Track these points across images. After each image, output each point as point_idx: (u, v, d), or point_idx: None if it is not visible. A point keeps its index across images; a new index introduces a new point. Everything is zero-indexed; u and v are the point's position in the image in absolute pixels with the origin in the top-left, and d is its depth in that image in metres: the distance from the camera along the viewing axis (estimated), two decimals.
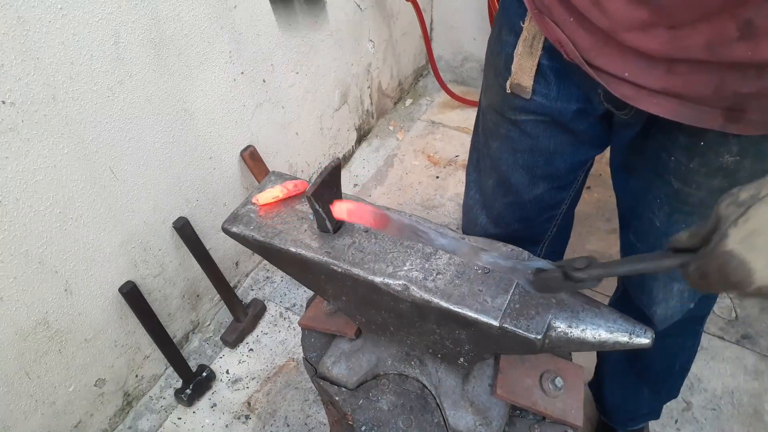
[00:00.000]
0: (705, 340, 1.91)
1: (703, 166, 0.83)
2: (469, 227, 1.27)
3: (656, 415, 1.56)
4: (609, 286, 1.39)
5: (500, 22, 0.98)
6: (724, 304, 2.01)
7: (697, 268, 0.58)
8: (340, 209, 0.77)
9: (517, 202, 1.14)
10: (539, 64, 0.91)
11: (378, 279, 0.79)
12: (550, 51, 0.89)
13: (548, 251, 1.28)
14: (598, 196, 2.42)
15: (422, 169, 2.57)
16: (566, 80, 0.92)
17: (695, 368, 1.84)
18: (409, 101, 2.92)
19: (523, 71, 0.93)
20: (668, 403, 1.77)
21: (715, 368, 1.84)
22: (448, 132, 2.75)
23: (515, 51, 0.93)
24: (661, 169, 0.91)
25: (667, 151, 0.88)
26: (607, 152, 1.11)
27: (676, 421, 1.73)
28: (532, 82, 0.93)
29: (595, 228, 2.29)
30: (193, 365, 1.84)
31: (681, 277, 0.97)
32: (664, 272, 0.66)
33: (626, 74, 0.77)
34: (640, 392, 1.45)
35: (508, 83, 0.96)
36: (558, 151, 1.03)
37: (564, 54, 0.84)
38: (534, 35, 0.89)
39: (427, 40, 2.70)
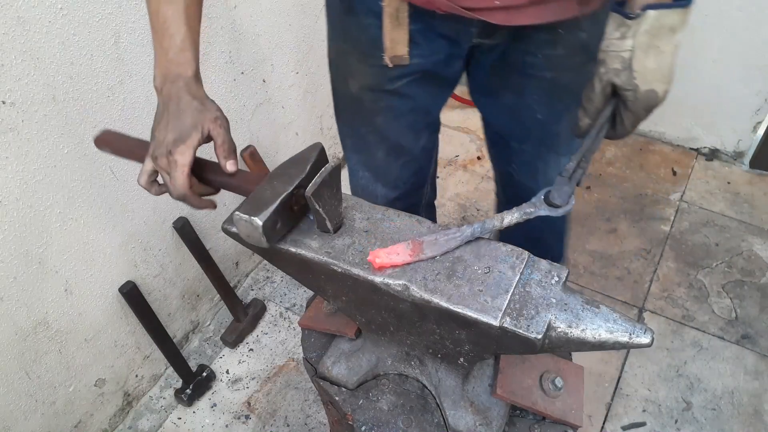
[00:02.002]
0: (705, 340, 1.91)
1: (567, 48, 1.03)
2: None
3: None
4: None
5: (350, 10, 1.04)
6: (724, 304, 2.01)
7: (631, 118, 0.87)
8: (377, 258, 0.79)
9: (410, 159, 1.28)
10: (409, 31, 1.00)
11: (378, 279, 0.79)
12: (414, 16, 0.99)
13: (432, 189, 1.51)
14: (598, 196, 2.42)
15: None
16: (433, 34, 1.03)
17: (695, 368, 1.84)
18: None
19: (397, 42, 1.02)
20: (668, 404, 1.77)
21: (715, 368, 1.84)
22: (447, 132, 2.75)
23: (383, 28, 1.00)
24: (530, 70, 1.08)
25: (531, 53, 1.05)
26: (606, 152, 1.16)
27: (676, 421, 1.73)
28: (407, 49, 1.03)
29: (595, 228, 2.29)
30: (193, 365, 1.84)
31: (565, 150, 1.24)
32: (602, 130, 0.91)
33: (497, 2, 0.91)
34: None
35: (386, 58, 1.04)
36: (432, 100, 1.18)
37: (437, 9, 0.94)
38: (397, 8, 0.98)
39: None
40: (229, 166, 0.87)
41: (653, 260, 2.17)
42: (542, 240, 1.53)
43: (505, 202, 1.50)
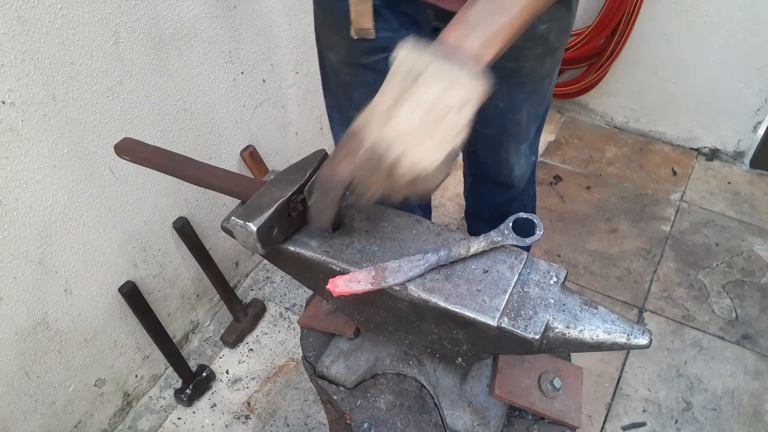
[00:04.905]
0: (705, 340, 1.91)
1: (528, 40, 1.00)
2: None
3: None
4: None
5: None
6: (724, 304, 2.01)
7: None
8: (336, 287, 0.76)
9: None
10: (374, 5, 1.01)
11: None
12: None
13: None
14: (598, 196, 2.42)
15: None
16: (398, 10, 1.03)
17: (695, 368, 1.84)
18: None
19: (362, 15, 1.03)
20: (668, 404, 1.77)
21: (715, 368, 1.84)
22: None
23: (349, 1, 1.01)
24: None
25: None
26: (606, 152, 1.17)
27: (676, 421, 1.73)
28: (372, 23, 1.03)
29: (595, 228, 2.29)
30: (193, 365, 1.84)
31: (524, 138, 1.32)
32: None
33: None
34: None
35: (351, 30, 1.05)
36: None
37: None
38: None
39: None
40: None
41: (653, 260, 2.17)
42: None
43: (471, 180, 1.57)
